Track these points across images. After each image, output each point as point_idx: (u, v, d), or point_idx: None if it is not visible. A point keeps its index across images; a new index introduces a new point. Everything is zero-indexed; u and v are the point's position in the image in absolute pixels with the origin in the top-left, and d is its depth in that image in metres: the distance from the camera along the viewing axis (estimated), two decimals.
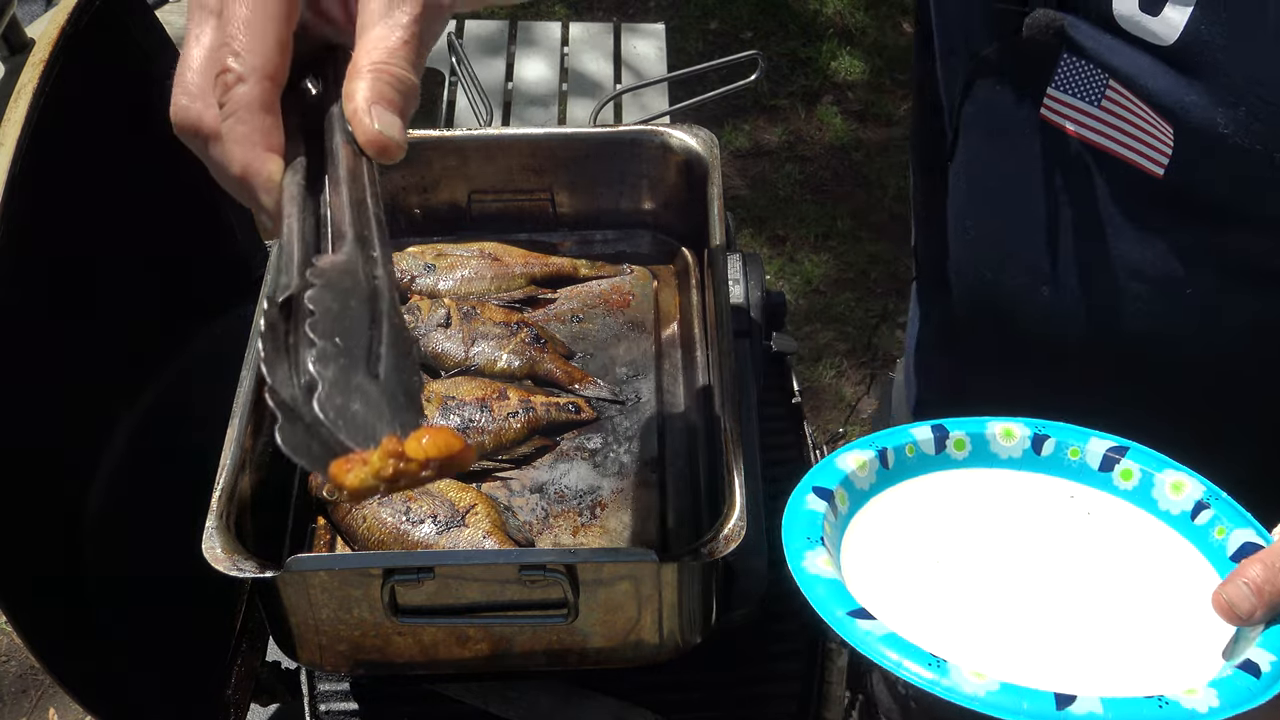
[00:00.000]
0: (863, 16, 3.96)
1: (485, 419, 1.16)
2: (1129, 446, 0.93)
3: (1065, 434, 0.94)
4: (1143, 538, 0.90)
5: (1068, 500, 0.93)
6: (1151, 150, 0.94)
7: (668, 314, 1.30)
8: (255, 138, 0.65)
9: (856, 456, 0.91)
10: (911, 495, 0.92)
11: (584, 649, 1.02)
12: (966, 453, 0.94)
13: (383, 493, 0.60)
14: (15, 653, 2.50)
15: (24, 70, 1.04)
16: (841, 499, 0.89)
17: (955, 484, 0.93)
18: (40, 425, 1.09)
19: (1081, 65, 0.94)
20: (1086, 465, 0.93)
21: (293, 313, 0.63)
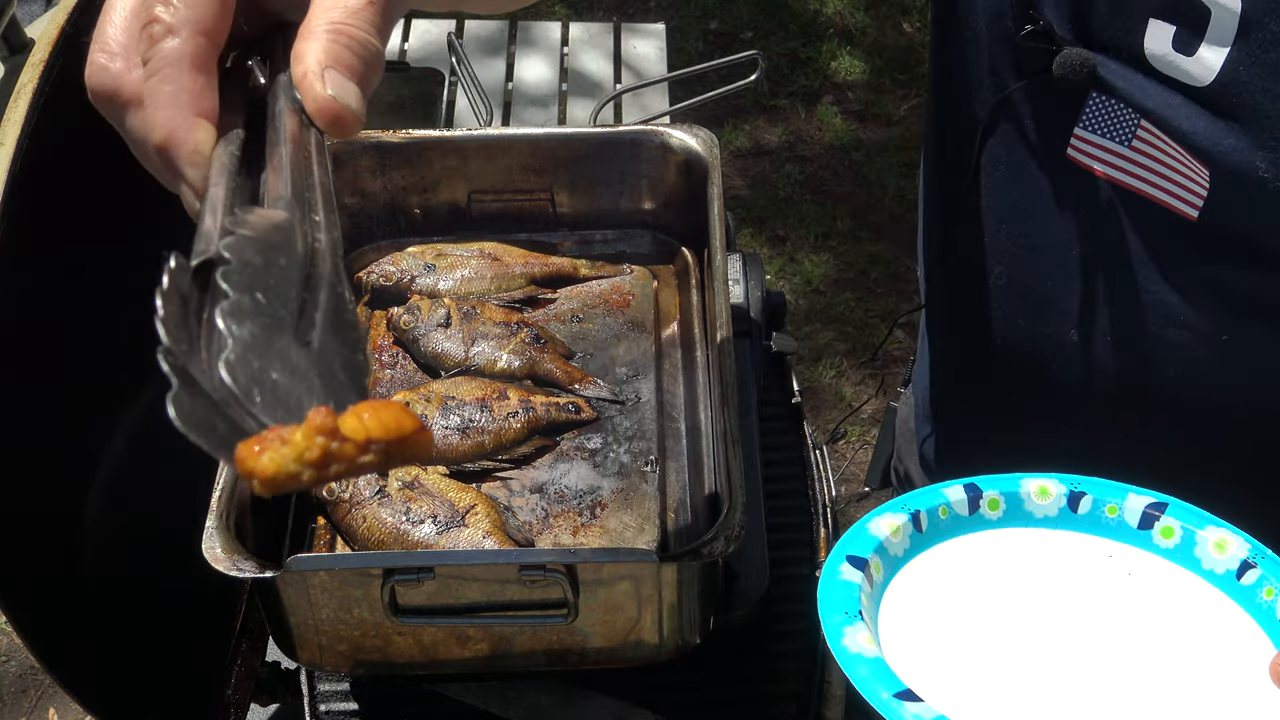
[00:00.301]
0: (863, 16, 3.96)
1: (485, 419, 1.16)
2: (1168, 503, 0.90)
3: (1102, 490, 0.91)
4: (1187, 599, 0.87)
5: (1107, 560, 0.90)
6: (1185, 192, 0.90)
7: (668, 314, 1.30)
8: (182, 99, 0.56)
9: (889, 521, 0.88)
10: (947, 559, 0.89)
11: (584, 649, 1.02)
12: (1001, 513, 0.91)
13: (307, 482, 0.48)
14: (15, 652, 2.50)
15: (24, 70, 1.03)
16: (876, 567, 0.86)
17: (991, 546, 0.90)
18: (40, 425, 1.09)
19: (1111, 105, 0.91)
20: (1125, 523, 0.90)
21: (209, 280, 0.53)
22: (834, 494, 1.31)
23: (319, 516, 1.13)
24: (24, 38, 1.06)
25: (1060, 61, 0.90)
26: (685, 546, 0.99)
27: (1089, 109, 0.92)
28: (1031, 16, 0.90)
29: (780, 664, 1.15)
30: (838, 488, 1.37)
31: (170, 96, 0.56)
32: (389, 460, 0.49)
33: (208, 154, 0.57)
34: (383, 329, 1.28)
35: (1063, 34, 0.89)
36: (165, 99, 0.56)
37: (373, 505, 1.09)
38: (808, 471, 1.28)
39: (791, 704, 1.13)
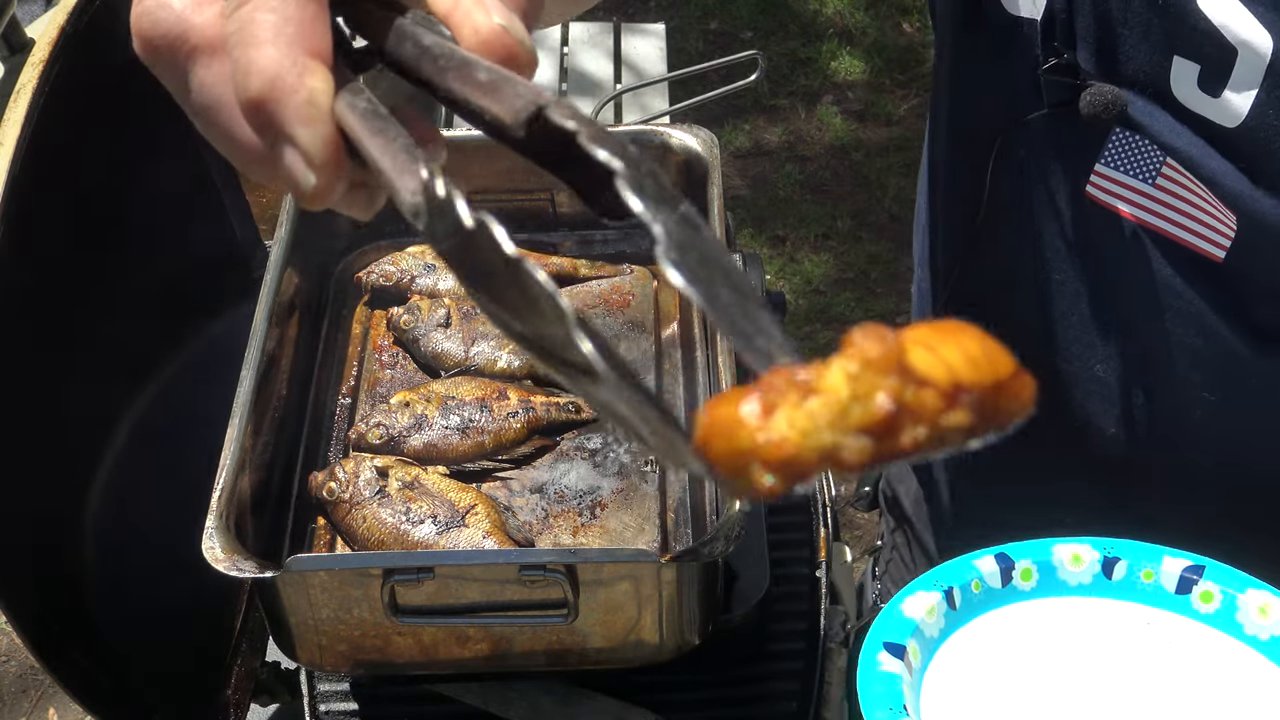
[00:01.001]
0: (863, 16, 3.96)
1: (485, 419, 1.16)
2: (1205, 565, 0.87)
3: (1136, 554, 0.88)
4: (1231, 667, 0.84)
5: (1145, 628, 0.87)
6: (1212, 233, 0.88)
7: (668, 314, 1.30)
8: (289, 32, 0.41)
9: (923, 600, 0.86)
10: (983, 636, 0.87)
11: (584, 649, 1.02)
12: (1034, 583, 0.89)
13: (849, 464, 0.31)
14: (15, 652, 2.50)
15: (24, 70, 1.04)
16: (914, 652, 0.84)
17: (1026, 619, 0.88)
18: (40, 424, 1.09)
19: (1136, 141, 0.87)
20: (1162, 588, 0.88)
21: None
22: (834, 494, 1.31)
23: (319, 516, 1.13)
24: (24, 38, 1.06)
25: (1090, 99, 0.86)
26: (685, 546, 0.99)
27: (1111, 145, 0.88)
28: (1056, 50, 0.87)
29: (780, 664, 1.15)
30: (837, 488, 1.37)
31: (273, 28, 0.41)
32: (985, 421, 0.32)
33: (326, 108, 0.41)
34: (383, 329, 1.28)
35: (1088, 68, 0.86)
36: (266, 32, 0.41)
37: (373, 505, 1.09)
38: None
39: (791, 704, 1.13)
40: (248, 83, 0.41)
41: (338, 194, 0.43)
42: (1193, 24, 0.80)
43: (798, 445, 0.30)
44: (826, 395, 0.30)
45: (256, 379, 1.06)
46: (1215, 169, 0.84)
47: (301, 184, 0.42)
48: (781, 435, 0.30)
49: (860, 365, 0.30)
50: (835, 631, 1.17)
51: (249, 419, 1.04)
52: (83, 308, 1.16)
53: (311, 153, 0.41)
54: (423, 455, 1.15)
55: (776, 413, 0.30)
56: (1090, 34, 0.86)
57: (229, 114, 0.43)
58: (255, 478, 1.05)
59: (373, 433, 1.15)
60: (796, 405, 0.30)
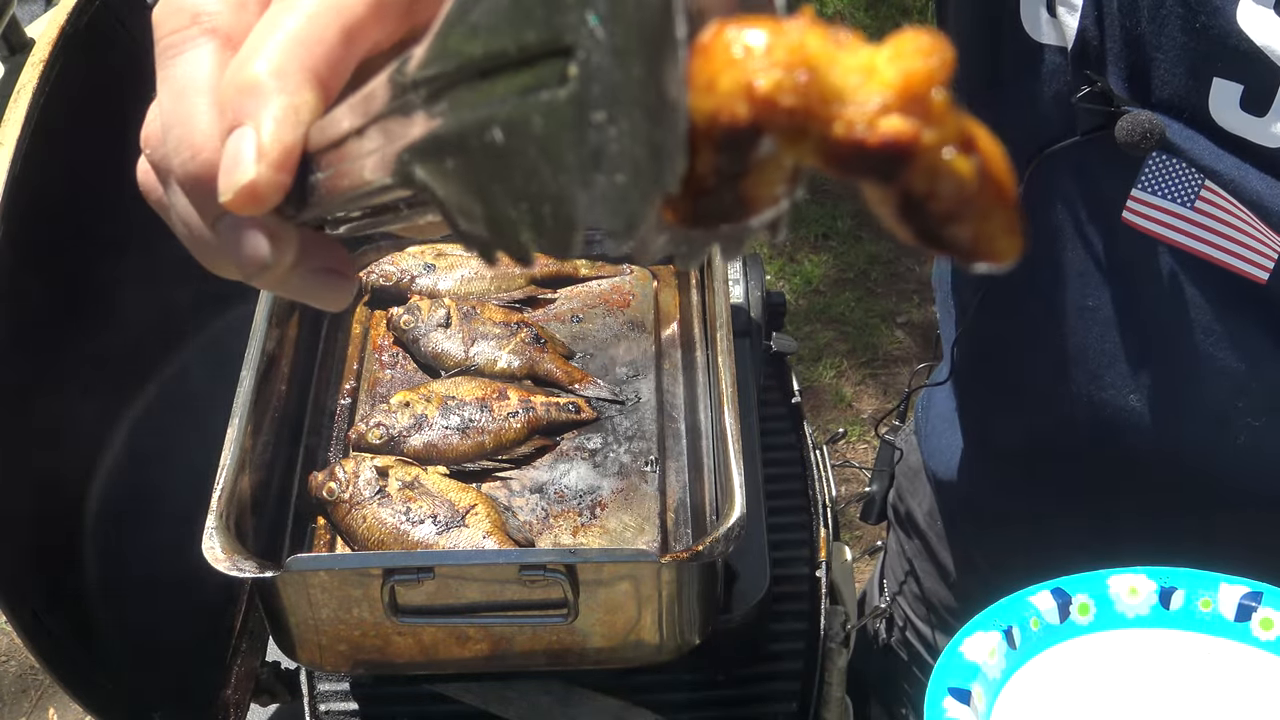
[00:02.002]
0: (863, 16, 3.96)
1: (485, 419, 1.16)
2: (1263, 591, 0.86)
3: (1193, 583, 0.87)
4: None
5: (1205, 658, 0.86)
6: (1254, 254, 0.86)
7: (668, 314, 1.30)
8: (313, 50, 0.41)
9: (983, 641, 0.85)
10: (1044, 675, 0.86)
11: (584, 649, 1.02)
12: (1092, 617, 0.88)
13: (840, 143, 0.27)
14: (15, 652, 2.50)
15: (24, 70, 1.04)
16: (979, 696, 0.83)
17: (1086, 654, 0.87)
18: (40, 425, 1.09)
19: (1173, 165, 0.85)
20: (1221, 617, 0.87)
21: None
22: (834, 494, 1.31)
23: (319, 516, 1.13)
24: (24, 38, 1.06)
25: (1126, 126, 0.84)
26: (685, 546, 0.99)
27: (1148, 169, 0.86)
28: (1089, 77, 0.85)
29: (780, 664, 1.15)
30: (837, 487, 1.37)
31: (296, 37, 0.40)
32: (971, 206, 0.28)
33: (305, 122, 0.40)
34: (383, 329, 1.28)
35: (1121, 94, 0.85)
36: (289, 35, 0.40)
37: (373, 505, 1.09)
38: (808, 471, 1.28)
39: (791, 704, 1.13)
40: (245, 68, 0.40)
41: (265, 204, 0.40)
42: (1234, 45, 0.78)
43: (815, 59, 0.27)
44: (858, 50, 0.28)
45: (256, 379, 1.06)
46: (1259, 190, 0.82)
47: (238, 173, 0.39)
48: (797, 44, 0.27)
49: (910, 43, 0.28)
50: (835, 631, 1.17)
51: (249, 419, 1.04)
52: (83, 307, 1.16)
53: (268, 144, 0.39)
54: (423, 455, 1.15)
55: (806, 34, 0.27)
56: (1122, 59, 0.84)
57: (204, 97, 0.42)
58: (255, 478, 1.05)
59: (373, 433, 1.15)
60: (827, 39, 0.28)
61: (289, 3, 0.41)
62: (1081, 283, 0.96)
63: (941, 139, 0.27)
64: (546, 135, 0.29)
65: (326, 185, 0.40)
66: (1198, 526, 1.00)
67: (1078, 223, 0.94)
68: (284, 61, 0.40)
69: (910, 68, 0.27)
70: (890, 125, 0.26)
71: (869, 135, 0.26)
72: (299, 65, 0.40)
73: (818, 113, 0.26)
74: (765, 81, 0.26)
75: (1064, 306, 0.98)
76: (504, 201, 0.32)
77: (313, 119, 0.40)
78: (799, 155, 0.27)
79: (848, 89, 0.26)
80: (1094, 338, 0.98)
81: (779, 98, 0.26)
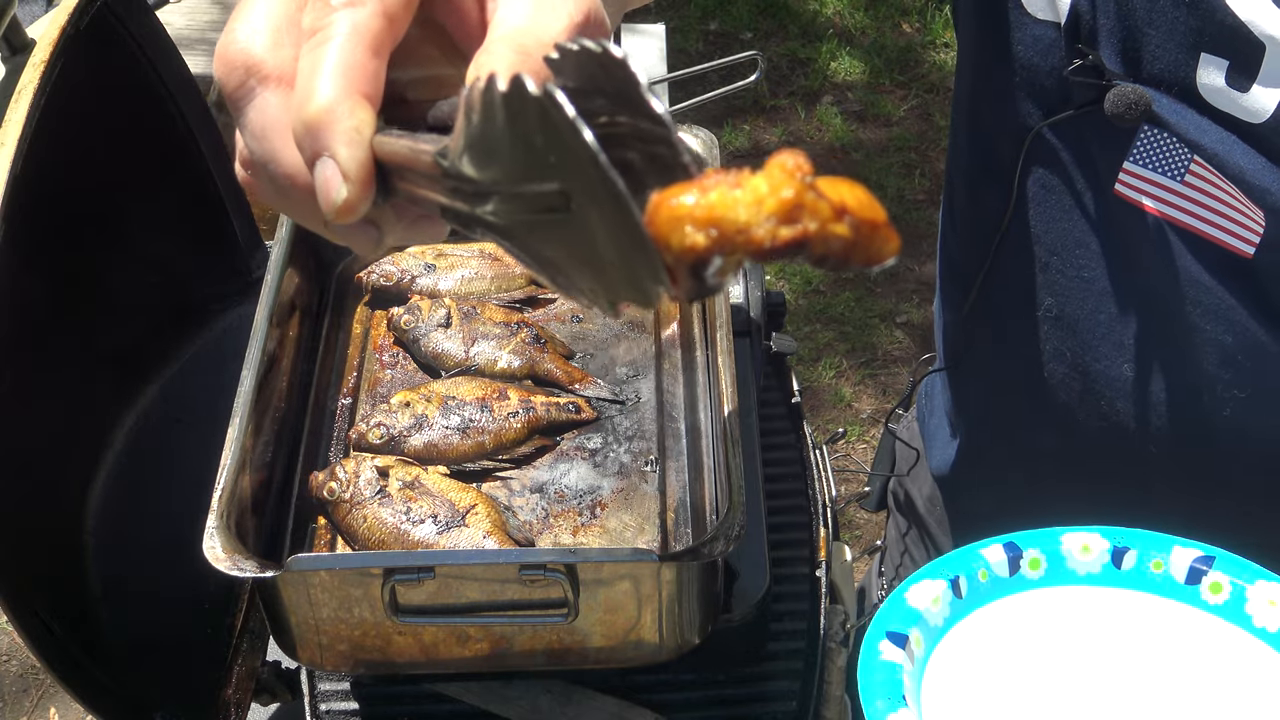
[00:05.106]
0: (862, 17, 3.96)
1: (485, 419, 1.16)
2: (1215, 555, 0.87)
3: (1146, 544, 0.88)
4: (1239, 659, 0.83)
5: (1152, 618, 0.87)
6: (1241, 229, 0.88)
7: (668, 314, 1.30)
8: (353, 75, 0.49)
9: (928, 589, 0.85)
10: (989, 625, 0.86)
11: (584, 649, 1.02)
12: (1042, 572, 0.88)
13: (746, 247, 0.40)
14: (16, 652, 2.50)
15: (24, 70, 1.04)
16: (917, 641, 0.83)
17: (1033, 608, 0.87)
18: (40, 425, 1.10)
19: (1163, 139, 0.87)
20: (1171, 579, 0.87)
21: None
22: (834, 494, 1.31)
23: (319, 516, 1.13)
24: (25, 38, 1.06)
25: (1114, 99, 0.86)
26: (685, 546, 0.99)
27: (1139, 143, 0.89)
28: (1080, 51, 0.87)
29: (780, 664, 1.15)
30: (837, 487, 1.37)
31: (338, 68, 0.48)
32: (857, 246, 0.41)
33: (368, 137, 0.49)
34: (383, 329, 1.28)
35: (1113, 68, 0.86)
36: (332, 68, 0.48)
37: (373, 505, 1.09)
38: (808, 471, 1.28)
39: (791, 704, 1.13)
40: (307, 106, 0.48)
41: (361, 212, 0.50)
42: (1221, 19, 0.80)
43: (723, 210, 0.39)
44: (748, 186, 0.40)
45: (257, 379, 1.06)
46: (1242, 165, 0.84)
47: (334, 196, 0.49)
48: (710, 203, 0.39)
49: (778, 169, 0.40)
50: (835, 631, 1.17)
51: (249, 419, 1.04)
52: (83, 307, 1.16)
53: (348, 168, 0.48)
54: (423, 455, 1.15)
55: (711, 192, 0.40)
56: (1115, 34, 0.86)
57: (281, 136, 0.51)
58: (256, 478, 1.05)
59: (373, 433, 1.15)
60: (726, 189, 0.40)
61: (318, 37, 0.49)
62: (1078, 254, 0.98)
63: (820, 223, 0.40)
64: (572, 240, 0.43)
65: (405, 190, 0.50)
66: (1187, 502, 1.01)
67: (1074, 195, 0.96)
68: (335, 93, 0.48)
69: (783, 193, 0.39)
70: (783, 234, 0.39)
71: (774, 244, 0.40)
72: (347, 92, 0.48)
73: (737, 240, 0.40)
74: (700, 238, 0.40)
75: (1069, 274, 1.00)
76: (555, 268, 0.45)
77: (373, 131, 0.49)
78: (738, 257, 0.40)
79: (751, 220, 0.39)
80: (1088, 309, 1.00)
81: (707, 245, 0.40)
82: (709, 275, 0.41)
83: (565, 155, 0.40)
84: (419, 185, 0.49)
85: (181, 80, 1.24)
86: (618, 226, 0.40)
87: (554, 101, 0.40)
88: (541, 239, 0.44)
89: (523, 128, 0.41)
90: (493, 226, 0.46)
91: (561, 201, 0.42)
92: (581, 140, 0.39)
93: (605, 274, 0.43)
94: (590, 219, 0.41)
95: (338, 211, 0.49)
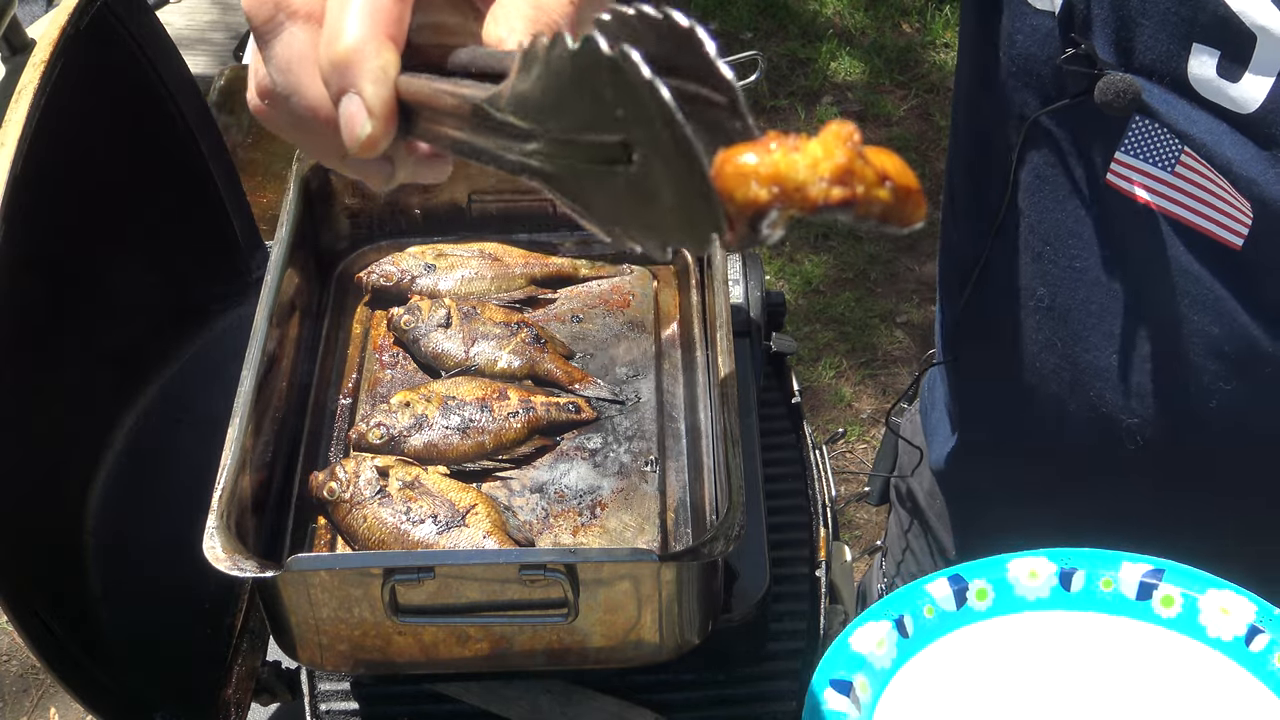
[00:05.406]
0: (862, 17, 3.96)
1: (485, 419, 1.16)
2: (1164, 568, 0.86)
3: (1094, 563, 0.86)
4: (1196, 671, 0.82)
5: (1106, 638, 0.85)
6: (1230, 220, 0.88)
7: (668, 314, 1.30)
8: (380, 17, 0.51)
9: (872, 632, 0.83)
10: (937, 664, 0.84)
11: (584, 649, 1.02)
12: (990, 602, 0.86)
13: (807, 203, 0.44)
14: (16, 652, 2.50)
15: (25, 70, 1.04)
16: (862, 687, 0.81)
17: (983, 640, 0.85)
18: (40, 425, 1.10)
19: (1155, 129, 0.88)
20: (1122, 596, 0.86)
21: None
22: (834, 494, 1.31)
23: (319, 516, 1.13)
24: (25, 38, 1.06)
25: (1102, 87, 0.87)
26: (685, 546, 0.99)
27: (1131, 133, 0.89)
28: (1073, 40, 0.88)
29: (780, 664, 1.15)
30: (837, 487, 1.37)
31: (366, 9, 0.51)
32: (894, 209, 0.45)
33: (393, 76, 0.52)
34: (383, 329, 1.28)
35: (1106, 58, 0.87)
36: (360, 9, 0.51)
37: (373, 505, 1.09)
38: (808, 471, 1.28)
39: (791, 703, 1.13)
40: (336, 45, 0.51)
41: (383, 147, 0.53)
42: (1213, 10, 0.81)
43: (785, 170, 0.44)
44: (807, 150, 0.44)
45: (257, 379, 1.06)
46: (1230, 156, 0.84)
47: (358, 130, 0.51)
48: (774, 161, 0.44)
49: (833, 136, 0.44)
50: (835, 631, 1.17)
51: (249, 419, 1.04)
52: (83, 307, 1.16)
53: (373, 105, 0.51)
54: (423, 455, 1.15)
55: (774, 153, 0.44)
56: (1109, 24, 0.87)
57: (307, 70, 0.53)
58: (256, 478, 1.05)
59: (373, 433, 1.15)
60: (788, 150, 0.44)
61: None
62: (1071, 244, 0.98)
63: (866, 186, 0.44)
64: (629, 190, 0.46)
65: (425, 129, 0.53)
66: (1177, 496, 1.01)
67: (1069, 184, 0.96)
68: (363, 33, 0.51)
69: (837, 158, 0.44)
70: (835, 193, 0.44)
71: (825, 202, 0.44)
72: (375, 33, 0.51)
73: (794, 196, 0.44)
74: (763, 194, 0.44)
75: (1062, 263, 1.00)
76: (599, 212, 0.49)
77: (397, 72, 0.52)
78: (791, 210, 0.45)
79: (808, 179, 0.44)
80: (1079, 299, 1.00)
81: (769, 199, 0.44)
82: (764, 226, 0.45)
83: (637, 111, 0.44)
84: (443, 124, 0.52)
85: (181, 80, 1.24)
86: (686, 180, 0.44)
87: (630, 61, 0.43)
88: (592, 186, 0.47)
89: (592, 83, 0.44)
90: (532, 169, 0.48)
91: (622, 154, 0.45)
92: (660, 98, 0.43)
93: (661, 221, 0.46)
94: (654, 171, 0.45)
95: (361, 146, 0.52)
